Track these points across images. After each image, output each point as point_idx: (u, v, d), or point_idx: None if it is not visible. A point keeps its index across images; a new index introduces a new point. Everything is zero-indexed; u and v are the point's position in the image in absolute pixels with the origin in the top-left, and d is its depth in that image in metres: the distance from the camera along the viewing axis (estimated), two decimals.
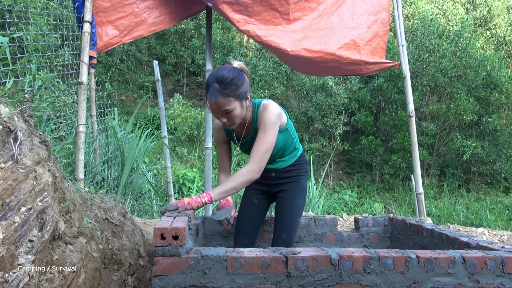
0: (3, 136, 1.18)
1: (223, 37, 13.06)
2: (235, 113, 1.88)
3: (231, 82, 1.85)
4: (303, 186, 2.24)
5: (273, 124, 1.93)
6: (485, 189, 11.65)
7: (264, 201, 2.30)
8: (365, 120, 11.38)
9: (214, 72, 1.89)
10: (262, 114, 1.96)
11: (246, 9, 3.44)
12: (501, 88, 11.65)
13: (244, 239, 2.22)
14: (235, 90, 1.86)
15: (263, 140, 1.90)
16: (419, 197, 3.88)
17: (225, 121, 1.90)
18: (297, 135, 2.26)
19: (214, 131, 2.17)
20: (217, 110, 1.87)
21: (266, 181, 2.21)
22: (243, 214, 2.27)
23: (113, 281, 1.81)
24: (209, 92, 1.86)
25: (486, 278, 1.56)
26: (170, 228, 1.46)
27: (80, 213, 1.60)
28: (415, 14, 15.51)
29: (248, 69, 2.12)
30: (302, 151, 2.32)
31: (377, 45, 3.75)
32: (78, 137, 2.94)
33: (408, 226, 2.52)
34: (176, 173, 7.01)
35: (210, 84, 1.85)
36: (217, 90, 1.83)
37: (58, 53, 4.31)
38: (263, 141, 1.90)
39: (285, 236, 2.12)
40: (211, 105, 1.86)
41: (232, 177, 1.88)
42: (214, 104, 1.84)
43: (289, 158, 2.20)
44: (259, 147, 1.90)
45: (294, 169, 2.22)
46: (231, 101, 1.85)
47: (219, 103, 1.84)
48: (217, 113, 1.89)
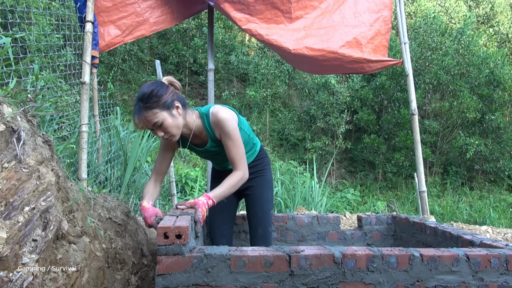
0: (6, 136, 1.18)
1: (225, 36, 13.05)
2: (166, 124, 1.85)
3: (151, 94, 1.83)
4: (268, 179, 2.33)
5: (234, 129, 1.96)
6: (489, 187, 11.60)
7: (232, 199, 2.33)
8: (368, 118, 11.34)
9: (139, 93, 1.88)
10: (218, 124, 1.96)
11: (248, 8, 3.44)
12: (504, 86, 11.58)
13: (222, 239, 2.29)
14: (157, 101, 1.83)
15: (234, 146, 1.96)
16: (422, 195, 3.88)
17: (162, 135, 1.87)
18: (251, 130, 2.30)
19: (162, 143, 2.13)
20: (147, 127, 1.85)
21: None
22: (216, 215, 2.30)
23: (116, 280, 1.81)
24: (134, 113, 1.85)
25: (490, 276, 1.55)
26: (173, 227, 1.46)
27: (83, 213, 1.60)
28: (418, 12, 15.45)
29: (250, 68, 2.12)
30: (260, 145, 2.37)
31: (379, 43, 3.74)
32: (81, 137, 2.95)
33: (411, 224, 2.52)
34: (178, 173, 7.02)
35: (135, 105, 1.86)
36: (141, 107, 1.82)
37: (61, 53, 4.32)
38: (234, 147, 1.96)
39: (261, 230, 2.23)
40: (140, 123, 1.84)
41: (227, 181, 1.91)
42: (142, 120, 1.82)
43: (250, 155, 2.25)
44: (235, 153, 1.96)
45: (257, 164, 2.28)
46: (156, 113, 1.82)
47: (146, 118, 1.81)
48: (151, 129, 1.88)
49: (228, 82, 13.21)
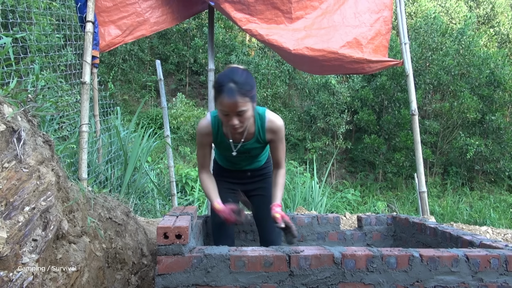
0: (6, 136, 1.19)
1: (225, 36, 13.06)
2: (247, 115, 1.85)
3: (247, 82, 1.82)
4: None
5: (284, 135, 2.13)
6: (489, 188, 11.59)
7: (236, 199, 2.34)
8: (368, 118, 11.34)
9: (225, 73, 1.85)
10: (276, 130, 2.06)
11: (248, 8, 3.44)
12: (504, 86, 11.58)
13: (227, 240, 2.26)
14: (250, 91, 1.83)
15: (283, 149, 2.14)
16: (422, 195, 3.87)
17: (236, 123, 1.84)
18: None
19: (201, 136, 2.10)
20: (231, 111, 1.80)
21: (241, 181, 2.31)
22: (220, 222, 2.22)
23: (116, 280, 1.81)
24: (224, 92, 1.77)
25: (489, 276, 1.55)
26: (173, 227, 1.46)
27: (83, 213, 1.60)
28: (418, 12, 15.45)
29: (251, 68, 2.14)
30: None
31: (380, 43, 3.74)
32: (81, 137, 2.95)
33: (411, 225, 2.52)
34: (179, 172, 7.02)
35: (224, 84, 1.78)
36: (235, 90, 1.77)
37: (61, 53, 4.32)
38: (283, 150, 2.14)
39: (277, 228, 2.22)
40: (227, 106, 1.78)
41: (277, 180, 2.14)
42: (232, 104, 1.77)
43: (263, 158, 2.34)
44: (282, 155, 2.15)
45: (267, 166, 2.36)
46: (247, 101, 1.81)
47: (237, 103, 1.77)
48: (230, 115, 1.82)
49: None
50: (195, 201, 6.23)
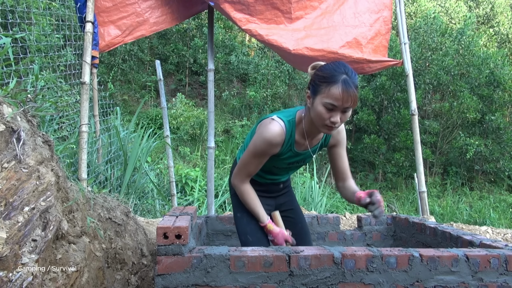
0: (6, 136, 1.18)
1: (225, 36, 13.05)
2: (349, 114, 1.67)
3: (356, 78, 1.66)
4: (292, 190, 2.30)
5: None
6: (489, 188, 11.60)
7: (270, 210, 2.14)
8: (368, 118, 11.34)
9: (335, 64, 1.67)
10: (341, 133, 1.93)
11: (248, 8, 3.44)
12: (504, 86, 11.59)
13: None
14: (358, 88, 1.68)
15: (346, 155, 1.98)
16: (422, 195, 3.88)
17: (337, 121, 1.63)
18: None
19: (269, 145, 1.79)
20: (342, 104, 1.60)
21: (274, 194, 2.11)
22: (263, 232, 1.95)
23: (116, 280, 1.81)
24: (339, 82, 1.59)
25: (489, 276, 1.55)
26: (172, 227, 1.46)
27: (83, 213, 1.60)
28: (418, 12, 15.46)
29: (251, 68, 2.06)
30: None
31: (379, 44, 3.74)
32: (81, 137, 2.95)
33: (411, 225, 2.52)
34: (178, 173, 7.02)
35: (338, 73, 1.61)
36: (350, 83, 1.60)
37: (61, 53, 4.32)
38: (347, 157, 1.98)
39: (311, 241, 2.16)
40: (340, 97, 1.58)
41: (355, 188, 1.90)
42: (347, 96, 1.58)
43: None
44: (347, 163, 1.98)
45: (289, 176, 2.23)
46: (357, 97, 1.65)
47: (352, 96, 1.59)
48: (335, 110, 1.62)
49: (228, 82, 13.22)
50: (194, 201, 6.23)
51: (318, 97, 1.66)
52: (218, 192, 6.45)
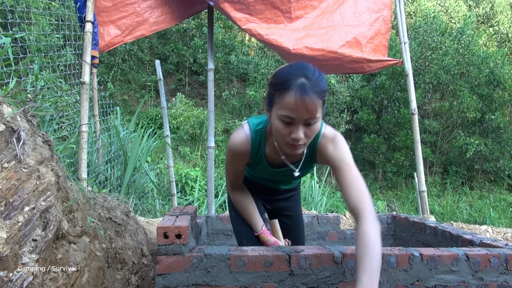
0: (6, 136, 1.18)
1: (225, 36, 13.05)
2: (316, 126, 1.35)
3: (321, 80, 1.32)
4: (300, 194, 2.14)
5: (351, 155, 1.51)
6: (489, 187, 11.60)
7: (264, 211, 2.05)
8: (368, 118, 11.35)
9: (293, 66, 1.36)
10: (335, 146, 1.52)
11: (248, 7, 3.44)
12: (504, 85, 11.60)
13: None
14: (325, 92, 1.33)
15: (358, 177, 1.41)
16: (422, 195, 3.88)
17: (301, 136, 1.32)
18: None
19: (234, 154, 1.61)
20: (300, 116, 1.29)
21: (275, 197, 1.97)
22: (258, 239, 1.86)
23: (116, 280, 1.81)
24: (294, 89, 1.27)
25: (489, 275, 1.55)
26: (173, 227, 1.46)
27: (83, 213, 1.60)
28: (418, 12, 15.46)
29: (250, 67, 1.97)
30: None
31: (379, 43, 3.74)
32: (81, 137, 2.95)
33: (411, 224, 2.52)
34: (178, 172, 7.02)
35: (293, 78, 1.29)
36: (308, 87, 1.27)
37: (60, 53, 4.32)
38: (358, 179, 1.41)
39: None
40: (296, 108, 1.27)
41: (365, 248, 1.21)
42: (304, 105, 1.26)
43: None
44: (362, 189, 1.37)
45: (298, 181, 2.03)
46: (320, 105, 1.32)
47: (311, 105, 1.27)
48: (294, 123, 1.31)
49: (228, 82, 13.21)
50: (195, 201, 6.23)
51: (273, 109, 1.36)
52: (218, 191, 6.45)
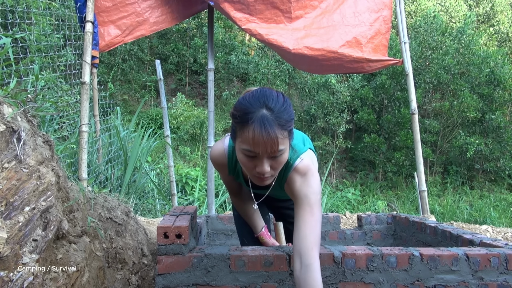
0: (6, 136, 1.19)
1: (225, 36, 13.05)
2: (283, 158, 1.28)
3: (286, 109, 1.26)
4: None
5: (319, 196, 1.37)
6: (489, 186, 11.59)
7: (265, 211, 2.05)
8: (368, 118, 11.34)
9: (254, 95, 1.27)
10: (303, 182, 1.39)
11: (248, 7, 3.44)
12: (504, 85, 11.58)
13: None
14: (290, 122, 1.26)
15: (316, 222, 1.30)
16: (422, 194, 3.88)
17: (266, 170, 1.26)
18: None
19: (215, 164, 1.62)
20: (263, 151, 1.22)
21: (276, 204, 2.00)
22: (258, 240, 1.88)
23: (117, 280, 1.81)
24: (254, 123, 1.20)
25: (489, 275, 1.55)
26: (173, 226, 1.46)
27: (83, 213, 1.60)
28: (418, 11, 15.45)
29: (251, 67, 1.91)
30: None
31: (379, 43, 3.74)
32: (81, 137, 2.96)
33: (411, 224, 2.52)
34: (179, 172, 7.02)
35: (253, 110, 1.22)
36: (270, 120, 1.20)
37: (61, 53, 4.32)
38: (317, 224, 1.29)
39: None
40: (257, 144, 1.20)
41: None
42: (266, 141, 1.19)
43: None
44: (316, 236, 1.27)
45: None
46: (285, 137, 1.25)
47: (274, 140, 1.20)
48: (258, 157, 1.25)
49: (228, 81, 13.21)
50: (195, 201, 6.23)
51: (236, 142, 1.30)
52: (219, 191, 6.45)
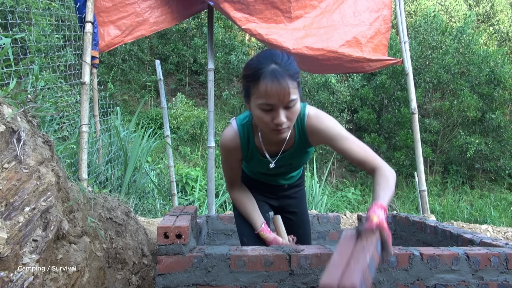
0: (6, 137, 1.19)
1: (224, 36, 13.04)
2: (296, 107, 1.40)
3: (291, 62, 1.38)
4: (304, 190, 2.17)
5: (342, 129, 1.56)
6: (489, 186, 11.59)
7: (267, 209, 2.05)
8: (368, 117, 11.34)
9: (261, 55, 1.41)
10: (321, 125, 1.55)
11: (248, 7, 3.44)
12: (504, 84, 11.57)
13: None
14: (298, 74, 1.39)
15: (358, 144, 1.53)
16: (422, 194, 3.88)
17: (283, 120, 1.38)
18: None
19: (226, 150, 1.67)
20: (279, 101, 1.34)
21: (278, 194, 2.00)
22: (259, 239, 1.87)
23: (117, 280, 1.82)
24: (266, 76, 1.32)
25: (490, 274, 1.55)
26: (173, 226, 1.46)
27: (83, 213, 1.60)
28: (418, 11, 15.44)
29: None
30: None
31: (379, 42, 3.74)
32: (81, 137, 2.96)
33: (411, 223, 2.52)
34: (179, 172, 7.03)
35: (263, 66, 1.35)
36: (280, 72, 1.33)
37: (61, 53, 4.32)
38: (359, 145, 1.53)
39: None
40: (272, 94, 1.32)
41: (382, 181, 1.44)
42: (280, 90, 1.31)
43: (301, 169, 2.01)
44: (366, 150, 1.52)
45: (301, 176, 2.07)
46: (296, 87, 1.37)
47: (287, 88, 1.32)
48: (275, 109, 1.37)
49: (228, 81, 13.21)
50: (195, 201, 6.24)
51: (251, 100, 1.42)
52: (219, 191, 6.45)
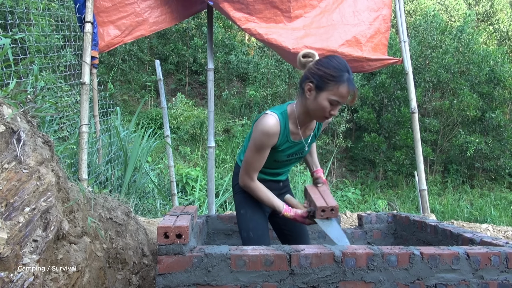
0: (6, 137, 1.19)
1: (224, 35, 13.04)
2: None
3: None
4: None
5: None
6: (489, 185, 11.59)
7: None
8: (368, 117, 11.33)
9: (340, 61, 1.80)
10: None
11: (247, 7, 3.44)
12: (504, 84, 11.58)
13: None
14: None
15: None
16: (422, 193, 3.88)
17: (333, 113, 1.82)
18: None
19: (268, 136, 1.88)
20: (344, 101, 1.80)
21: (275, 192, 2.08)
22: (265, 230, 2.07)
23: (117, 280, 1.82)
24: (346, 81, 1.75)
25: (490, 274, 1.55)
26: (173, 226, 1.46)
27: (84, 213, 1.60)
28: (417, 10, 15.44)
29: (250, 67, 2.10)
30: None
31: (379, 42, 3.74)
32: (81, 137, 2.95)
33: (411, 223, 2.52)
34: (179, 172, 7.02)
35: (344, 73, 1.76)
36: (353, 81, 1.79)
37: (60, 53, 4.32)
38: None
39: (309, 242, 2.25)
40: (346, 95, 1.77)
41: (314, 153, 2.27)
42: (356, 94, 1.80)
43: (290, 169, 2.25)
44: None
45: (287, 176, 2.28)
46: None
47: (356, 94, 1.80)
48: (337, 105, 1.80)
49: (228, 81, 13.21)
50: (195, 200, 6.23)
51: (324, 93, 1.78)
52: (219, 191, 6.45)
